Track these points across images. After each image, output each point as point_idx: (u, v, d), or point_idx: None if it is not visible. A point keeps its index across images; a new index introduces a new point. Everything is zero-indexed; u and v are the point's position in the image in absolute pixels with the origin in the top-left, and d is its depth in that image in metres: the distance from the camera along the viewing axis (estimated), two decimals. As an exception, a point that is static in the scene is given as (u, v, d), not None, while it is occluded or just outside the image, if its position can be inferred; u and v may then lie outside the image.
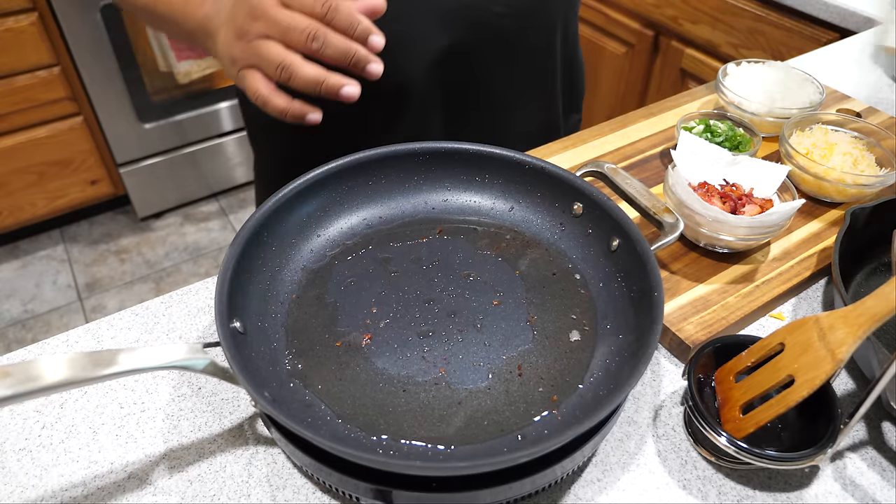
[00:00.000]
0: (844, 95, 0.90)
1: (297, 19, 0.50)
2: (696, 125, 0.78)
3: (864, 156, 0.72)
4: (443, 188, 0.65)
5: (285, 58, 0.51)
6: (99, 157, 2.02)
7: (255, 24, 0.51)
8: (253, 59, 0.52)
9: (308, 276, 0.58)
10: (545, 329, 0.54)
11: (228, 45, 0.54)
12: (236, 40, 0.53)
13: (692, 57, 1.58)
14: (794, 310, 0.63)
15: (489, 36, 0.70)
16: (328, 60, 0.51)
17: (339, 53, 0.51)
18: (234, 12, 0.53)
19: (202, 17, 0.57)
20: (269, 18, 0.51)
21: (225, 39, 0.54)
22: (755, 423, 0.47)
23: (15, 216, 2.00)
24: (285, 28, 0.50)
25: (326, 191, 0.60)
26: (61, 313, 1.94)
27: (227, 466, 0.49)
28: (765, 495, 0.48)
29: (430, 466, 0.42)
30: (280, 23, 0.50)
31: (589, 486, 0.49)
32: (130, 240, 2.18)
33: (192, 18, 0.58)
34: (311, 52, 0.51)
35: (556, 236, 0.61)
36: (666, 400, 0.55)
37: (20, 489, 0.48)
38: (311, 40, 0.50)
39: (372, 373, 0.51)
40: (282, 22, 0.50)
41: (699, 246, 0.65)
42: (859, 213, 0.62)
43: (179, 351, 0.43)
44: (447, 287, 0.57)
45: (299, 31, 0.50)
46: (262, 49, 0.51)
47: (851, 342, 0.44)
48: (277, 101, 0.53)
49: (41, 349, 0.58)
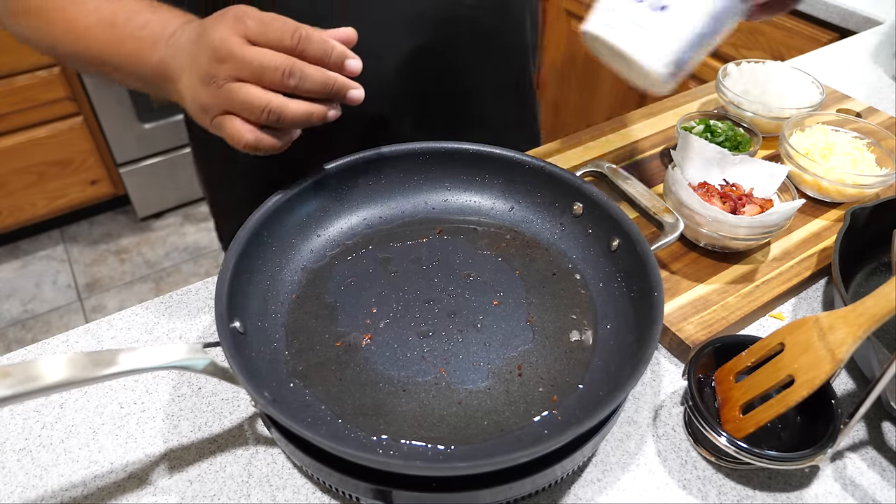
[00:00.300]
0: (844, 95, 0.90)
1: (268, 57, 0.46)
2: (696, 125, 0.78)
3: (863, 156, 0.72)
4: (443, 188, 0.65)
5: (269, 100, 0.47)
6: (99, 157, 2.02)
7: (222, 67, 0.46)
8: (228, 105, 0.48)
9: (308, 276, 0.58)
10: (545, 329, 0.54)
11: (195, 92, 0.49)
12: (204, 86, 0.48)
13: (692, 57, 1.57)
14: (794, 310, 0.63)
15: (460, 31, 0.67)
16: (307, 95, 0.48)
17: (317, 86, 0.48)
18: (194, 54, 0.48)
19: (157, 62, 0.52)
20: (238, 59, 0.46)
21: (190, 85, 0.49)
22: (755, 423, 0.47)
23: (15, 216, 2.00)
24: (257, 68, 0.46)
25: (326, 191, 0.60)
26: (61, 313, 1.94)
27: (227, 466, 0.49)
28: (765, 495, 0.48)
29: (430, 466, 0.42)
30: (250, 63, 0.46)
31: (589, 486, 0.49)
32: (130, 240, 2.18)
33: (146, 64, 0.53)
34: (288, 90, 0.47)
35: (556, 236, 0.61)
36: (666, 400, 0.55)
37: (20, 489, 0.48)
38: (287, 77, 0.47)
39: (372, 373, 0.50)
40: (252, 62, 0.46)
41: (699, 246, 0.65)
42: (859, 213, 0.62)
43: (179, 351, 0.43)
44: (447, 287, 0.57)
45: (273, 70, 0.46)
46: (238, 94, 0.47)
47: (851, 342, 0.44)
48: (269, 141, 0.49)
49: (41, 349, 0.58)
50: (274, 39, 0.47)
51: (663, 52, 0.48)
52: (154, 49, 0.52)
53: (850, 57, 1.05)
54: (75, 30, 0.55)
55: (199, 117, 0.50)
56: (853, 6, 1.22)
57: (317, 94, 0.49)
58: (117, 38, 0.53)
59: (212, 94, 0.48)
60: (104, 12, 0.54)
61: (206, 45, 0.47)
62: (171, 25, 0.52)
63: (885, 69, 1.01)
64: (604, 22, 0.49)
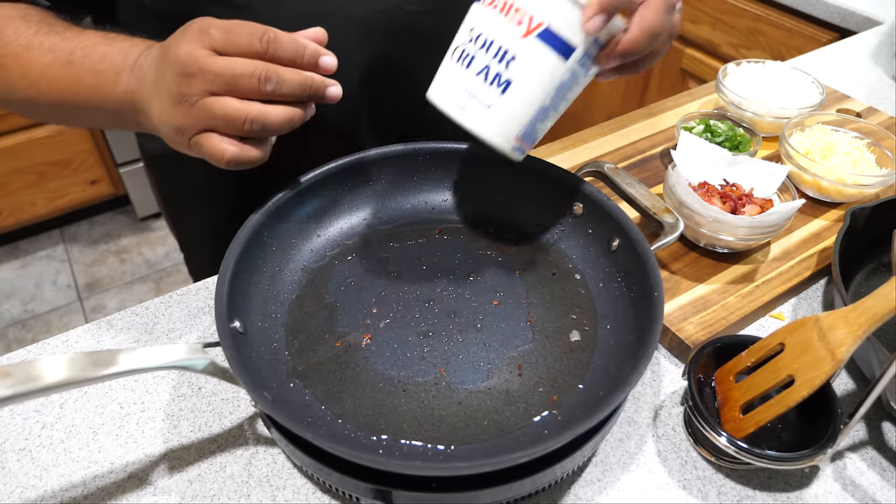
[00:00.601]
0: (844, 95, 0.90)
1: (239, 65, 0.44)
2: (696, 125, 0.78)
3: (863, 156, 0.72)
4: (443, 188, 0.65)
5: (248, 110, 0.45)
6: (99, 157, 2.02)
7: (193, 83, 0.44)
8: (205, 123, 0.45)
9: (308, 276, 0.58)
10: (545, 329, 0.54)
11: (167, 116, 0.46)
12: (175, 106, 0.45)
13: (692, 57, 1.58)
14: (794, 310, 0.63)
15: (407, 36, 0.65)
16: (285, 99, 0.46)
17: (296, 89, 0.46)
18: (160, 76, 0.46)
19: (122, 93, 0.49)
20: (207, 72, 0.44)
21: (160, 110, 0.47)
22: (755, 423, 0.47)
23: (15, 216, 2.00)
24: (230, 78, 0.44)
25: (326, 191, 0.60)
26: (61, 313, 1.94)
27: (227, 466, 0.49)
28: (765, 495, 0.48)
29: (430, 466, 0.42)
30: (222, 74, 0.44)
31: (589, 486, 0.49)
32: (130, 240, 2.18)
33: (111, 98, 0.50)
34: (266, 97, 0.45)
35: (556, 236, 0.61)
36: (666, 400, 0.55)
37: (20, 489, 0.48)
38: (263, 83, 0.44)
39: (372, 373, 0.50)
40: (223, 72, 0.44)
41: (699, 246, 0.65)
42: (859, 213, 0.62)
43: (179, 351, 0.43)
44: (447, 287, 0.57)
45: (247, 77, 0.44)
46: (214, 108, 0.44)
47: (851, 342, 0.44)
48: (253, 153, 0.47)
49: (41, 349, 0.58)
50: (242, 46, 0.44)
51: (510, 132, 0.47)
52: (117, 80, 0.49)
53: (850, 57, 1.05)
54: (30, 75, 0.52)
55: (175, 141, 0.48)
56: (853, 6, 1.22)
57: (295, 97, 0.47)
58: (76, 76, 0.51)
59: (185, 114, 0.45)
60: (60, 51, 0.51)
61: (171, 63, 0.45)
62: (131, 53, 0.50)
63: (885, 69, 1.01)
64: (447, 96, 0.47)
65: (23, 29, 0.52)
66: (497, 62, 0.45)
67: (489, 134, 0.47)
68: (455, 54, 0.47)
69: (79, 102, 0.52)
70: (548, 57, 0.45)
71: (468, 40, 0.46)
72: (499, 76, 0.45)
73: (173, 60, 0.45)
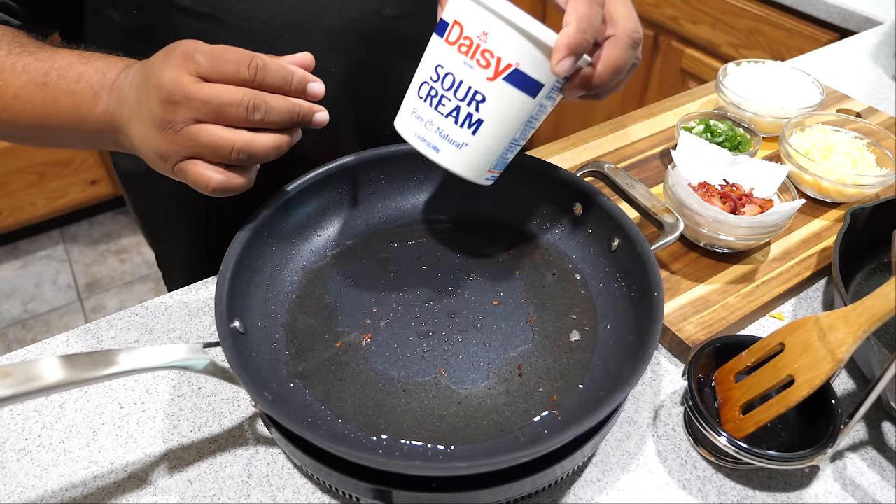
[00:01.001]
0: (844, 95, 0.90)
1: (227, 93, 0.43)
2: (696, 125, 0.78)
3: (863, 156, 0.72)
4: (443, 188, 0.65)
5: (235, 139, 0.44)
6: (99, 157, 2.02)
7: (178, 111, 0.43)
8: (190, 150, 0.44)
9: (308, 276, 0.58)
10: (545, 329, 0.54)
11: (150, 140, 0.45)
12: (159, 132, 0.44)
13: (692, 57, 1.57)
14: (794, 310, 0.63)
15: (386, 42, 0.64)
16: (273, 126, 0.45)
17: (284, 116, 0.45)
18: (143, 100, 0.45)
19: (101, 114, 0.48)
20: (193, 100, 0.42)
21: (143, 133, 0.45)
22: (755, 423, 0.47)
23: (15, 216, 2.00)
24: (216, 106, 0.43)
25: (326, 191, 0.60)
26: (61, 313, 1.94)
27: (227, 466, 0.49)
28: (765, 495, 0.48)
29: (430, 466, 0.42)
30: (208, 102, 0.43)
31: (589, 486, 0.49)
32: (130, 240, 2.18)
33: (89, 119, 0.49)
34: (253, 125, 0.44)
35: (556, 236, 0.61)
36: (666, 400, 0.55)
37: (20, 489, 0.48)
38: (251, 112, 0.43)
39: (372, 373, 0.51)
40: (210, 101, 0.43)
41: (699, 246, 0.65)
42: (859, 213, 0.62)
43: (179, 351, 0.43)
44: (447, 287, 0.57)
45: (235, 106, 0.43)
46: (199, 137, 0.43)
47: (851, 342, 0.44)
48: (238, 181, 0.46)
49: (41, 349, 0.58)
50: (229, 73, 0.43)
51: (483, 166, 0.48)
52: (95, 101, 0.48)
53: (850, 57, 1.05)
54: (4, 97, 0.50)
55: (157, 165, 0.47)
56: (853, 6, 1.22)
57: (283, 125, 0.46)
58: (51, 98, 0.49)
59: (170, 141, 0.44)
60: (34, 72, 0.49)
61: (155, 87, 0.43)
62: (109, 73, 0.49)
63: (885, 69, 1.01)
64: (418, 135, 0.48)
65: None
66: (466, 104, 0.45)
67: (463, 171, 0.48)
68: (422, 91, 0.47)
69: (56, 124, 0.50)
70: (517, 96, 0.45)
71: (434, 79, 0.46)
72: (469, 116, 0.45)
73: (157, 85, 0.43)
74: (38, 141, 0.57)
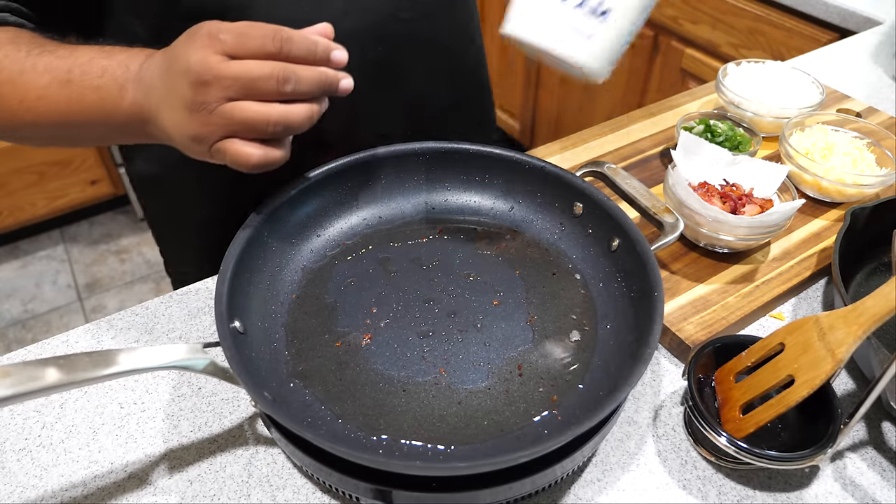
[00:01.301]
0: (844, 95, 0.90)
1: (255, 68, 0.43)
2: (696, 125, 0.78)
3: (863, 156, 0.72)
4: (443, 188, 0.65)
5: (270, 113, 0.44)
6: (99, 157, 2.02)
7: (209, 91, 0.43)
8: (225, 129, 0.45)
9: (308, 276, 0.58)
10: (545, 329, 0.54)
11: (183, 126, 0.45)
12: (192, 115, 0.44)
13: (692, 57, 1.58)
14: (794, 310, 0.63)
15: (402, 43, 0.65)
16: (303, 97, 0.46)
17: (313, 86, 0.46)
18: (171, 85, 0.45)
19: (129, 106, 0.48)
20: (224, 78, 0.43)
21: (174, 120, 0.46)
22: (755, 423, 0.47)
23: (15, 216, 2.00)
24: (247, 82, 0.43)
25: (326, 191, 0.60)
26: (61, 313, 1.94)
27: (227, 466, 0.49)
28: (765, 495, 0.48)
29: (430, 466, 0.42)
30: (239, 78, 0.43)
31: (589, 486, 0.49)
32: (130, 240, 2.18)
33: (116, 112, 0.49)
34: (284, 97, 0.45)
35: (556, 236, 0.61)
36: (666, 400, 0.55)
37: (20, 489, 0.48)
38: (282, 84, 0.44)
39: (372, 373, 0.51)
40: (241, 77, 0.43)
41: (699, 246, 0.65)
42: (859, 213, 0.62)
43: (179, 351, 0.43)
44: (447, 287, 0.57)
45: (265, 80, 0.43)
46: (234, 114, 0.44)
47: (851, 342, 0.44)
48: (277, 154, 0.47)
49: (41, 349, 0.58)
50: (256, 48, 0.44)
51: (610, 57, 0.50)
52: (121, 94, 0.48)
53: (850, 57, 1.05)
54: (28, 99, 0.50)
55: (192, 149, 0.47)
56: (853, 6, 1.22)
57: (312, 94, 0.46)
58: (76, 95, 0.49)
59: (204, 122, 0.44)
60: (56, 71, 0.50)
61: (182, 71, 0.44)
62: (132, 65, 0.49)
63: (885, 69, 1.01)
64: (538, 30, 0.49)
65: (13, 53, 0.50)
66: None
67: (588, 61, 0.49)
68: None
69: (82, 121, 0.50)
70: None
71: None
72: (598, 6, 0.47)
73: (184, 69, 0.44)
74: (60, 140, 0.57)
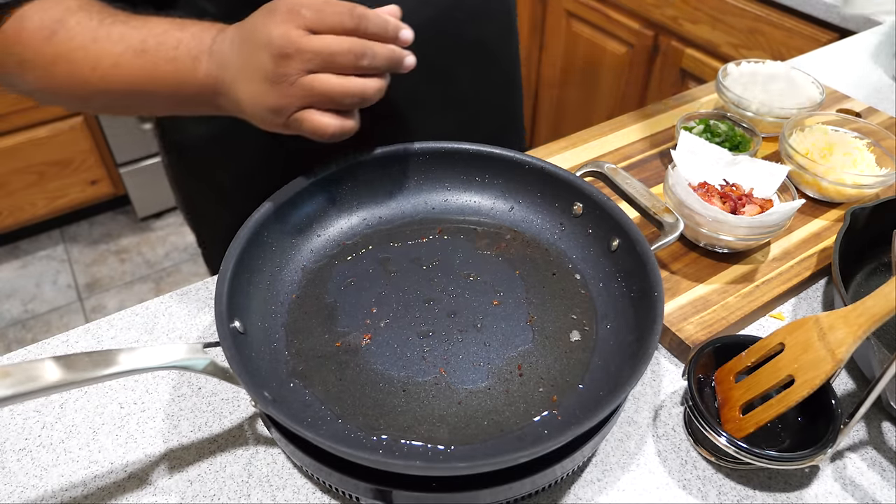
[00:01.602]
0: (844, 95, 0.90)
1: (335, 43, 0.46)
2: (696, 125, 0.78)
3: (863, 156, 0.72)
4: (443, 188, 0.65)
5: (347, 86, 0.47)
6: (99, 157, 2.02)
7: (291, 63, 0.46)
8: (304, 100, 0.47)
9: (308, 276, 0.58)
10: (545, 329, 0.54)
11: (262, 97, 0.48)
12: (272, 87, 0.47)
13: (692, 57, 1.58)
14: (794, 310, 0.63)
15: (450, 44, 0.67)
16: (376, 72, 0.49)
17: (387, 62, 0.48)
18: (249, 58, 0.48)
19: (203, 78, 0.50)
20: (306, 52, 0.46)
21: (254, 91, 0.48)
22: (755, 423, 0.47)
23: (15, 216, 2.00)
24: (328, 56, 0.46)
25: (326, 191, 0.60)
26: (61, 313, 1.94)
27: (227, 466, 0.49)
28: (765, 495, 0.48)
29: (430, 466, 0.42)
30: (320, 52, 0.46)
31: (589, 486, 0.49)
32: (130, 240, 2.18)
33: (190, 84, 0.51)
34: (360, 71, 0.47)
35: (556, 236, 0.61)
36: (666, 400, 0.55)
37: (20, 489, 0.48)
38: (359, 59, 0.47)
39: (372, 373, 0.50)
40: (322, 51, 0.46)
41: (699, 246, 0.65)
42: (859, 213, 0.62)
43: (179, 351, 0.43)
44: (447, 287, 0.57)
45: (344, 55, 0.46)
46: (314, 86, 0.47)
47: (851, 342, 0.44)
48: (351, 123, 0.49)
49: (41, 349, 0.58)
50: (334, 24, 0.46)
51: None
52: (195, 66, 0.50)
53: (850, 57, 1.05)
54: (102, 66, 0.51)
55: (268, 121, 0.49)
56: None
57: (384, 70, 0.49)
58: (150, 65, 0.51)
59: (284, 94, 0.47)
60: (132, 40, 0.51)
61: (263, 45, 0.46)
62: (205, 37, 0.50)
63: (885, 69, 1.01)
64: None
65: (85, 21, 0.52)
66: None
67: None
68: None
69: (154, 91, 0.52)
70: None
71: None
72: None
73: (265, 42, 0.46)
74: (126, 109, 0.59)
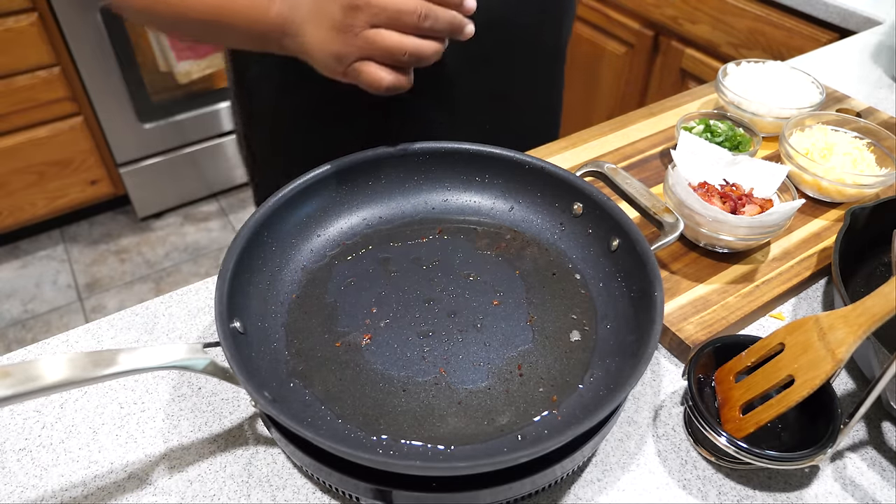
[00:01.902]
0: (844, 95, 0.90)
1: (402, 2, 0.49)
2: (696, 125, 0.78)
3: (863, 156, 0.72)
4: (443, 188, 0.65)
5: (406, 44, 0.50)
6: (99, 157, 2.02)
7: (358, 16, 0.50)
8: (366, 52, 0.51)
9: (308, 276, 0.58)
10: (545, 329, 0.54)
11: (328, 43, 0.52)
12: (338, 35, 0.51)
13: (692, 57, 1.57)
14: (794, 310, 0.63)
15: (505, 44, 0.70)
16: (437, 35, 0.52)
17: (447, 26, 0.51)
18: (320, 6, 0.51)
19: (275, 17, 0.54)
20: (373, 6, 0.49)
21: (321, 37, 0.52)
22: (755, 423, 0.47)
23: (15, 216, 2.00)
24: (393, 13, 0.49)
25: (326, 191, 0.60)
26: (61, 313, 1.94)
27: (227, 466, 0.49)
28: (765, 495, 0.48)
29: (430, 466, 0.42)
30: (386, 9, 0.49)
31: (589, 486, 0.49)
32: (130, 240, 2.18)
33: (262, 21, 0.55)
34: (422, 32, 0.51)
35: (556, 236, 0.61)
36: (666, 400, 0.55)
37: (20, 489, 0.48)
38: (422, 20, 0.50)
39: (372, 373, 0.50)
40: (388, 7, 0.49)
41: (699, 246, 0.65)
42: (859, 213, 0.62)
43: (179, 351, 0.43)
44: (447, 287, 0.57)
45: (409, 14, 0.50)
46: (376, 40, 0.50)
47: (851, 342, 0.44)
48: (404, 80, 0.53)
49: (41, 349, 0.58)
50: None
51: None
52: (269, 5, 0.54)
53: (850, 57, 1.05)
54: None
55: (329, 66, 0.53)
56: (853, 6, 1.22)
57: (443, 34, 0.52)
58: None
59: (348, 43, 0.51)
60: None
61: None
62: None
63: (885, 69, 1.01)
64: None
65: None
66: None
67: None
68: None
69: (227, 23, 0.56)
70: None
71: None
72: None
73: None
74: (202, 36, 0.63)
